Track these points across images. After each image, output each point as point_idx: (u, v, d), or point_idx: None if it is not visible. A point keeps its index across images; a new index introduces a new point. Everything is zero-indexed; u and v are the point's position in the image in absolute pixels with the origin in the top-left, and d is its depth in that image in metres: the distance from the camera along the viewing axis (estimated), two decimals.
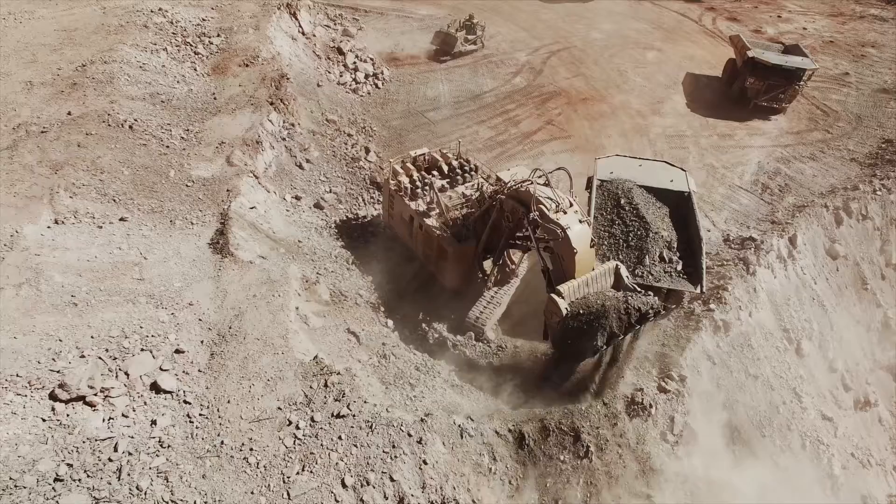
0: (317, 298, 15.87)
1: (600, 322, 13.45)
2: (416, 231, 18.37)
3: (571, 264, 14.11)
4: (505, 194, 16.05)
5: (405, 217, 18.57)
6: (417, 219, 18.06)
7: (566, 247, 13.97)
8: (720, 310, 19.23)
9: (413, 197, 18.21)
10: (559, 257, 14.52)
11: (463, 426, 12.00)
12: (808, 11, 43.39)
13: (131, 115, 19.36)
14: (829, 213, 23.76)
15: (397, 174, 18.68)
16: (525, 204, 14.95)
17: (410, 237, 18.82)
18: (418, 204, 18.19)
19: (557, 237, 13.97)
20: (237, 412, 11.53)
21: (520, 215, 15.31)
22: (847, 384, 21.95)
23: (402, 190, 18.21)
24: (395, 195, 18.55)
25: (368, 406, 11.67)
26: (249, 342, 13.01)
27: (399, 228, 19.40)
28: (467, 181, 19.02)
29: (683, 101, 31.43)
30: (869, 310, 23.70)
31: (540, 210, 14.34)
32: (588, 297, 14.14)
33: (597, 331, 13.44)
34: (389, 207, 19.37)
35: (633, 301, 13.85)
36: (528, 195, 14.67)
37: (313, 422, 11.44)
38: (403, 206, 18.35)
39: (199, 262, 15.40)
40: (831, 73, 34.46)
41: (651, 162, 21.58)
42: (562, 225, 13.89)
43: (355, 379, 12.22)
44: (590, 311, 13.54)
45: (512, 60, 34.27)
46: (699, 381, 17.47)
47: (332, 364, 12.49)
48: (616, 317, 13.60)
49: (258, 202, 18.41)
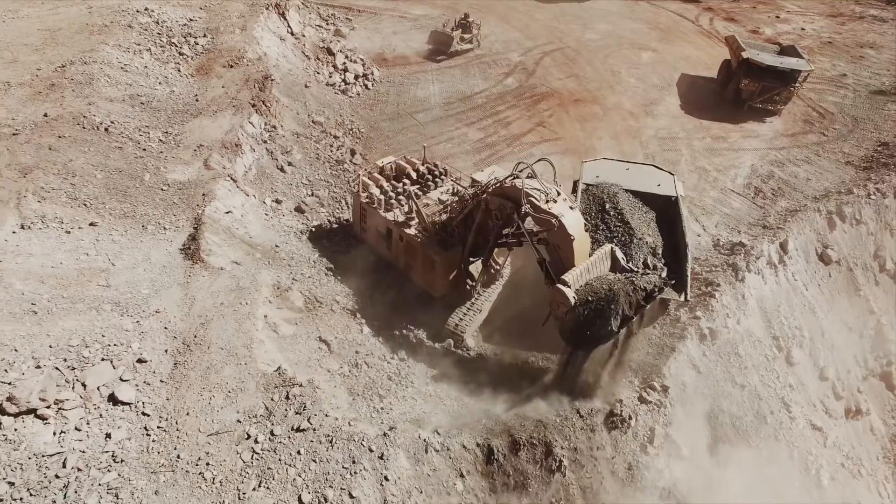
0: (289, 305, 15.56)
1: (611, 306, 13.44)
2: (396, 243, 17.73)
3: (570, 252, 14.06)
4: (489, 193, 15.74)
5: (381, 230, 17.89)
6: (397, 230, 17.44)
7: (562, 235, 13.89)
8: (707, 317, 18.83)
9: (388, 208, 17.63)
10: (555, 247, 14.46)
11: (428, 441, 11.66)
12: (807, 12, 42.85)
13: (108, 118, 19.08)
14: (822, 217, 23.30)
15: (367, 186, 18.03)
16: (513, 199, 14.73)
17: (389, 250, 18.14)
18: (395, 214, 17.59)
19: (552, 227, 13.86)
20: (196, 425, 11.23)
21: (508, 211, 15.09)
22: (838, 392, 21.51)
23: (376, 202, 17.59)
24: (367, 208, 17.88)
25: (329, 419, 11.35)
26: (213, 352, 12.70)
27: (374, 242, 18.64)
28: (439, 186, 18.65)
29: (677, 103, 30.99)
30: (862, 316, 23.24)
31: (530, 202, 14.18)
32: (591, 283, 14.10)
33: (609, 315, 13.44)
34: (361, 221, 18.58)
35: (639, 281, 13.98)
36: (515, 190, 14.48)
37: (273, 435, 11.13)
38: (379, 219, 17.66)
39: (170, 269, 15.10)
40: (828, 74, 33.97)
41: (639, 165, 21.16)
42: (555, 214, 13.79)
43: (317, 391, 11.89)
44: (599, 297, 13.54)
45: (504, 61, 33.90)
46: (683, 391, 17.09)
47: (295, 376, 12.17)
48: (625, 298, 13.63)
49: (235, 206, 18.10)
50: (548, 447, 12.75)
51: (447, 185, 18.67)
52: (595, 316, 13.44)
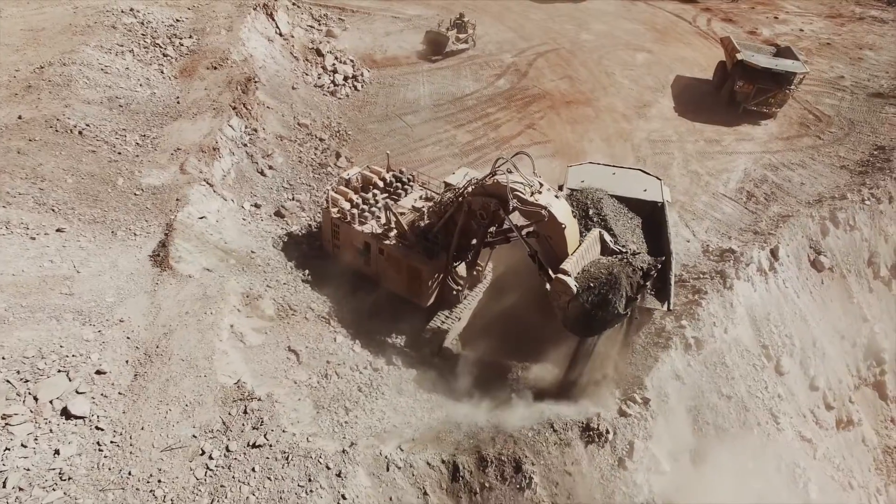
0: (259, 314, 15.21)
1: (615, 289, 13.59)
2: (376, 257, 17.18)
3: (562, 241, 14.12)
4: (471, 193, 15.46)
5: (357, 245, 17.27)
6: (376, 244, 16.91)
7: (553, 225, 13.93)
8: (692, 326, 18.40)
9: (362, 221, 17.06)
10: (546, 238, 14.48)
11: (390, 457, 11.28)
12: (806, 13, 42.26)
13: (83, 120, 18.76)
14: (814, 223, 22.83)
15: (336, 201, 17.36)
16: (498, 195, 14.61)
17: (367, 265, 17.54)
18: (371, 228, 17.05)
19: (542, 218, 13.85)
20: (150, 440, 10.88)
21: (493, 209, 14.94)
22: (829, 403, 21.05)
23: (349, 216, 16.97)
24: (340, 224, 17.23)
25: (287, 435, 10.99)
26: (174, 363, 12.36)
27: (350, 258, 17.91)
28: (408, 192, 18.25)
29: (671, 105, 30.53)
30: (855, 324, 22.75)
31: (517, 196, 14.11)
32: (588, 269, 14.27)
33: (615, 298, 13.57)
34: (333, 238, 17.83)
35: (634, 262, 14.25)
36: (499, 186, 14.38)
37: (228, 451, 10.78)
38: (354, 234, 17.04)
39: (137, 276, 14.77)
40: (826, 76, 33.42)
41: (625, 170, 20.71)
42: (543, 205, 13.77)
43: (276, 405, 11.54)
44: (600, 282, 13.70)
45: (497, 62, 33.48)
46: (665, 402, 16.66)
47: (254, 389, 11.80)
48: (626, 280, 13.84)
49: (210, 211, 17.76)
50: (517, 463, 12.35)
51: (417, 191, 18.31)
52: (600, 300, 13.57)
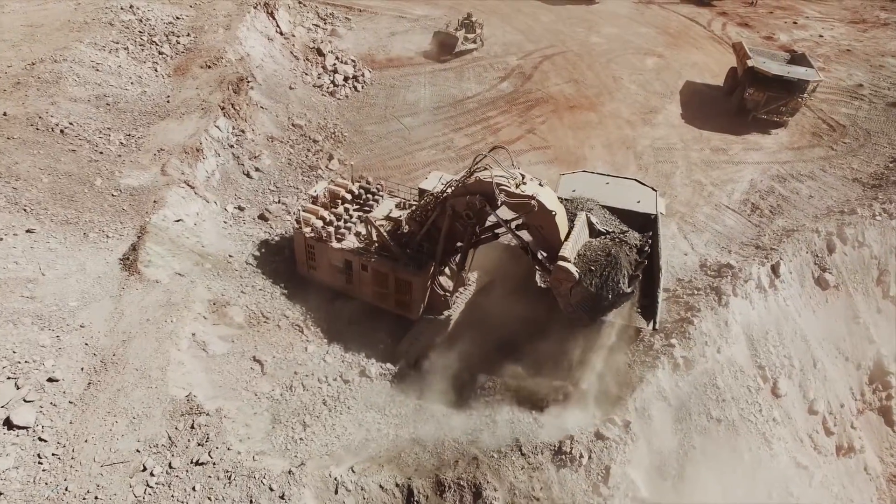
0: (227, 321, 14.85)
1: (616, 268, 13.85)
2: (359, 274, 16.62)
3: (554, 228, 14.18)
4: (453, 195, 15.15)
5: (337, 263, 16.67)
6: (358, 261, 16.37)
7: (543, 213, 13.95)
8: (683, 345, 17.62)
9: (339, 238, 16.48)
10: (537, 228, 14.55)
11: (340, 479, 10.80)
12: (828, 18, 40.86)
13: (66, 119, 18.62)
14: (820, 238, 21.82)
15: (307, 221, 16.70)
16: (483, 192, 14.47)
17: (349, 283, 16.99)
18: (350, 244, 16.48)
19: (532, 208, 13.85)
20: (92, 453, 10.55)
21: (479, 207, 14.78)
22: (829, 428, 20.05)
23: (324, 235, 16.36)
24: (315, 244, 16.59)
25: (232, 453, 10.57)
26: (128, 373, 12.04)
27: (328, 278, 17.29)
28: (379, 203, 17.77)
29: (678, 112, 29.62)
30: (860, 346, 21.70)
31: (504, 190, 14.07)
32: (584, 254, 14.44)
33: (619, 278, 13.79)
34: (308, 259, 17.15)
35: (627, 239, 14.66)
36: (483, 183, 14.32)
37: (170, 468, 10.40)
38: (332, 253, 16.46)
39: (105, 280, 14.51)
40: (844, 84, 32.16)
41: (620, 179, 20.02)
42: (530, 195, 13.74)
43: (224, 421, 11.12)
44: (601, 264, 13.90)
45: (502, 64, 32.86)
46: (649, 425, 15.94)
47: (203, 404, 11.41)
48: (625, 258, 14.14)
49: (189, 214, 17.49)
50: (477, 489, 11.79)
51: (388, 200, 17.84)
52: (605, 282, 13.73)
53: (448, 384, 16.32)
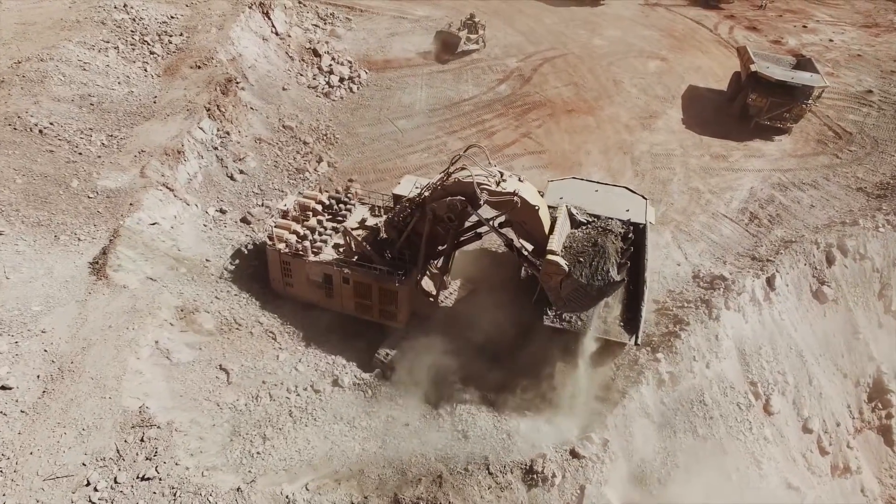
0: (196, 328, 14.53)
1: (604, 257, 13.95)
2: (339, 287, 16.14)
3: (538, 222, 14.20)
4: (432, 198, 14.92)
5: (316, 278, 16.16)
6: (338, 273, 15.91)
7: (526, 209, 13.92)
8: (669, 360, 17.08)
9: (315, 252, 15.99)
10: (521, 224, 14.56)
11: (291, 497, 10.43)
12: (839, 21, 39.85)
13: (47, 119, 18.44)
14: (819, 250, 21.11)
15: (280, 237, 16.14)
16: (464, 193, 14.35)
17: (329, 297, 16.49)
18: (328, 257, 15.98)
19: (515, 205, 13.77)
20: (36, 467, 10.26)
21: (461, 208, 14.69)
22: (824, 447, 19.34)
23: (300, 250, 15.87)
24: (291, 259, 16.05)
25: (180, 468, 10.24)
26: (83, 381, 11.75)
27: (306, 293, 16.75)
28: (352, 211, 17.37)
29: (679, 117, 28.95)
30: (860, 362, 20.97)
31: (485, 189, 13.86)
32: (571, 246, 14.57)
33: (607, 267, 13.87)
34: (284, 276, 16.61)
35: (609, 227, 14.90)
36: (463, 184, 14.18)
37: (115, 483, 10.10)
38: (310, 267, 15.98)
39: (72, 284, 14.26)
40: (852, 90, 31.25)
41: (609, 187, 19.45)
42: (512, 192, 13.62)
43: (174, 434, 10.79)
44: (589, 254, 13.99)
45: (501, 66, 32.34)
46: (629, 443, 15.41)
47: (155, 416, 11.07)
48: (612, 246, 14.28)
49: (166, 217, 17.21)
50: None
51: (361, 208, 17.46)
52: (594, 272, 13.78)
53: (423, 395, 15.92)
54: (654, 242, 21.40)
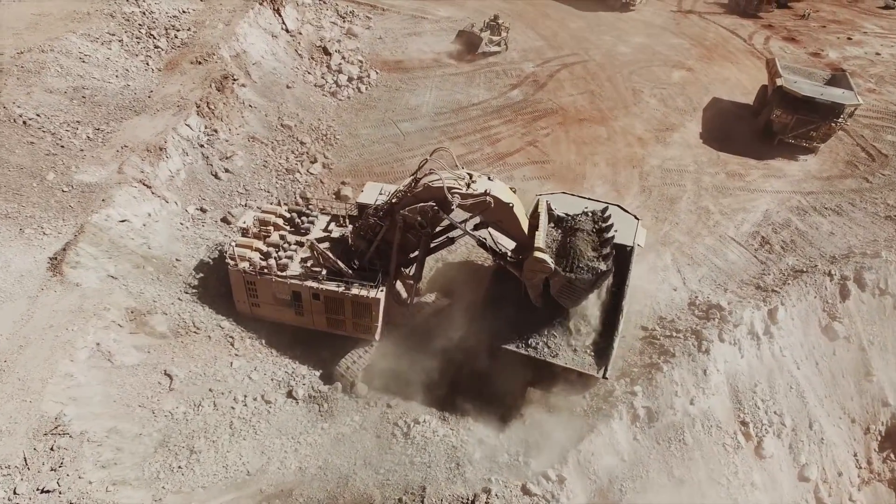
0: (148, 330, 14.20)
1: (585, 252, 14.18)
2: (309, 303, 15.48)
3: (514, 220, 14.04)
4: (402, 206, 14.40)
5: (283, 296, 15.46)
6: (308, 290, 15.23)
7: (501, 207, 13.72)
8: (647, 394, 15.95)
9: (281, 269, 15.31)
10: (496, 224, 14.40)
11: None
12: (889, 34, 37.26)
13: (34, 110, 18.52)
14: (833, 282, 19.52)
15: (243, 256, 15.42)
16: (435, 198, 13.87)
17: (299, 314, 15.81)
18: (294, 273, 15.31)
19: (488, 205, 13.56)
20: None
21: (432, 213, 14.28)
22: (822, 498, 17.79)
23: (265, 268, 15.18)
24: (256, 279, 15.31)
25: (82, 482, 9.84)
26: (10, 383, 11.50)
27: (274, 313, 16.03)
28: (315, 223, 16.70)
29: (697, 130, 27.43)
30: (871, 407, 19.28)
31: (456, 193, 13.61)
32: (554, 244, 14.73)
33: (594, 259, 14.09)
34: (249, 296, 15.84)
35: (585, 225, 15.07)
36: (433, 189, 13.77)
37: (14, 494, 9.74)
38: (276, 286, 15.26)
39: (27, 279, 14.12)
40: (893, 109, 29.03)
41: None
42: (484, 192, 13.46)
43: (85, 445, 10.40)
44: (571, 251, 14.14)
45: (516, 71, 31.35)
46: (593, 483, 14.38)
47: (72, 423, 10.73)
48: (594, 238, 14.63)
49: (138, 214, 17.00)
50: None
51: (323, 218, 16.84)
52: (581, 266, 13.87)
53: (382, 413, 15.28)
54: (652, 265, 20.29)
